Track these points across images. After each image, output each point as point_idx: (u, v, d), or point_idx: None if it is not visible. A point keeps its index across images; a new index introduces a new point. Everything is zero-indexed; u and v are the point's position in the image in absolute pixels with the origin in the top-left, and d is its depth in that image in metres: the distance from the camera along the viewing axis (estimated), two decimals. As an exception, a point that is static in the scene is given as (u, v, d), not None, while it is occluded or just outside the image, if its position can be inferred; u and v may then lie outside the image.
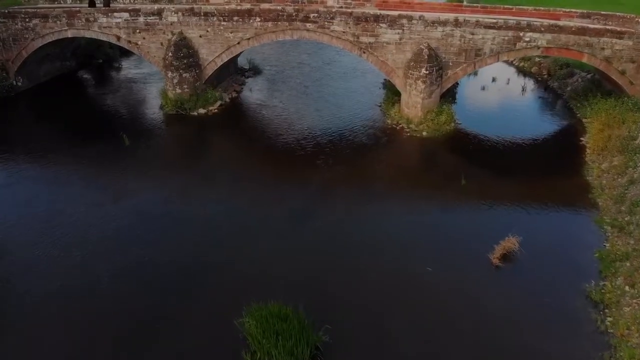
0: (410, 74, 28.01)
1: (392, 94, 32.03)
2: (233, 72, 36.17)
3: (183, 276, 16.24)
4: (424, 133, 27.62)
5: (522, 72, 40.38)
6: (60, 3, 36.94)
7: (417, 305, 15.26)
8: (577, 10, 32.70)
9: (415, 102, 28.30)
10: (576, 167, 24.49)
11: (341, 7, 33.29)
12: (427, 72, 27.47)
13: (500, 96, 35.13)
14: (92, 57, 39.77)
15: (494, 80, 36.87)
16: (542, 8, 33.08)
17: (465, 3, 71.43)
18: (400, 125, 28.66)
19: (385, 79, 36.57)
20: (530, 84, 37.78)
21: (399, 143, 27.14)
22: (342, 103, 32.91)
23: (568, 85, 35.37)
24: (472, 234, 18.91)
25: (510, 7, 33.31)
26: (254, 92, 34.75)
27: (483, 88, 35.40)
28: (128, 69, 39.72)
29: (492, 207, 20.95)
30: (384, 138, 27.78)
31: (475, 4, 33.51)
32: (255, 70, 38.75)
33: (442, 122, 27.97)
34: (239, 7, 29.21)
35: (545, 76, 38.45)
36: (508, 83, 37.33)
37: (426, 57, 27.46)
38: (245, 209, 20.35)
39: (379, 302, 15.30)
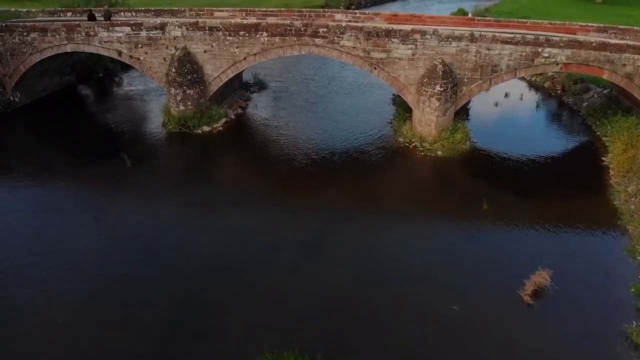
0: (424, 91, 26.86)
1: (403, 110, 30.88)
2: (238, 87, 35.04)
3: (183, 319, 14.93)
4: (439, 152, 26.41)
5: (535, 87, 39.25)
6: (60, 16, 35.84)
7: (446, 351, 13.94)
8: (593, 24, 31.61)
9: (429, 120, 27.11)
10: (601, 189, 23.28)
11: (349, 21, 32.31)
12: (442, 89, 26.32)
13: (514, 112, 34.00)
14: (92, 71, 38.67)
15: (506, 95, 35.73)
16: (557, 22, 31.99)
17: (471, 14, 70.89)
18: (413, 144, 27.46)
19: (394, 95, 35.49)
20: (543, 99, 36.65)
21: (412, 163, 25.93)
22: (350, 120, 31.75)
23: (584, 101, 34.24)
24: (499, 266, 17.66)
25: (525, 20, 32.25)
26: (259, 109, 33.59)
27: (496, 104, 34.24)
28: (129, 83, 38.60)
29: (517, 234, 19.72)
30: (397, 157, 26.60)
31: (487, 18, 32.43)
32: (260, 85, 37.63)
33: (458, 141, 26.78)
34: (245, 22, 28.14)
35: (559, 91, 37.35)
36: (521, 98, 36.20)
37: (441, 73, 26.32)
38: (253, 237, 19.13)
39: (404, 347, 13.98)
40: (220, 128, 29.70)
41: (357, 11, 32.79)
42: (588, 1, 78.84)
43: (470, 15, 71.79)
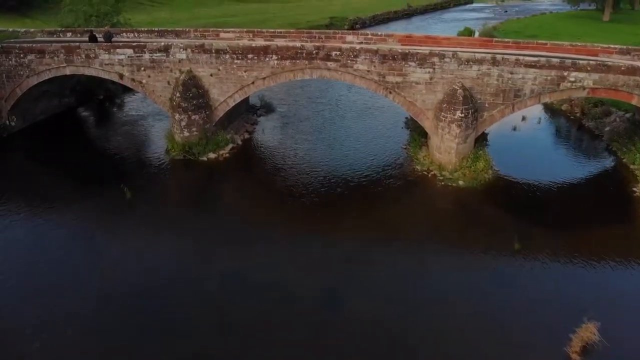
0: (443, 117, 25.35)
1: (418, 135, 29.38)
2: (244, 110, 33.57)
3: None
4: (460, 182, 24.79)
5: (552, 109, 37.80)
6: (60, 36, 34.56)
7: None
8: (616, 46, 30.22)
9: (448, 148, 25.55)
10: (637, 224, 21.60)
11: (361, 42, 31.02)
12: (463, 115, 24.82)
13: (534, 137, 32.53)
14: (92, 93, 37.23)
15: (523, 119, 34.26)
16: (579, 43, 30.60)
17: (479, 33, 70.03)
18: (432, 172, 25.86)
19: (406, 118, 34.04)
20: (562, 122, 35.21)
21: (432, 194, 24.30)
22: (362, 145, 30.20)
23: (606, 125, 32.76)
24: (539, 317, 15.89)
25: (544, 42, 30.87)
26: (267, 134, 32.07)
27: (514, 128, 32.73)
28: (131, 105, 37.18)
29: (554, 277, 18.00)
30: (415, 187, 24.98)
31: (506, 39, 31.13)
32: (267, 108, 36.19)
33: (480, 170, 25.18)
34: (254, 44, 26.74)
35: (578, 114, 35.90)
36: (539, 122, 34.74)
37: (461, 98, 24.85)
38: (263, 282, 17.39)
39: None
40: (227, 155, 28.12)
41: (368, 32, 31.39)
42: (594, 19, 77.98)
43: (477, 34, 71.19)
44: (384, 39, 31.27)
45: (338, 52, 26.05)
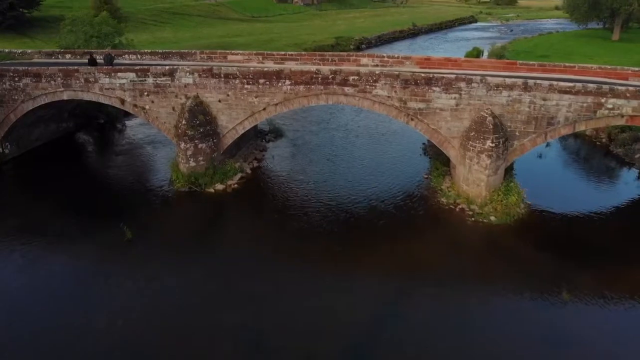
0: (471, 146, 23.39)
1: (441, 163, 27.45)
2: (252, 136, 31.64)
3: None
4: (492, 218, 22.72)
5: (576, 135, 35.65)
6: (58, 58, 32.81)
7: None
8: (647, 69, 28.46)
9: (477, 179, 23.54)
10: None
11: (376, 65, 29.30)
12: (494, 144, 22.86)
13: (560, 164, 30.62)
14: (92, 117, 35.31)
15: (547, 145, 32.24)
16: (608, 67, 28.78)
17: (489, 53, 68.60)
18: (460, 206, 23.81)
19: (424, 144, 32.18)
20: (588, 149, 33.28)
21: (462, 231, 22.19)
22: (379, 173, 28.22)
23: (636, 152, 30.82)
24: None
25: (572, 65, 29.04)
26: (277, 160, 30.08)
27: (540, 155, 30.75)
28: (133, 130, 35.23)
29: (613, 335, 15.77)
30: (443, 223, 22.90)
31: (531, 62, 29.34)
32: (276, 133, 34.28)
33: (512, 204, 23.11)
34: (266, 69, 24.90)
35: (604, 140, 33.95)
36: (564, 148, 32.82)
37: (491, 126, 22.92)
38: (276, 336, 15.28)
39: None
40: (235, 185, 26.10)
41: (385, 55, 29.64)
42: (604, 39, 76.74)
43: (487, 53, 69.75)
44: (401, 61, 29.51)
45: (356, 77, 24.22)
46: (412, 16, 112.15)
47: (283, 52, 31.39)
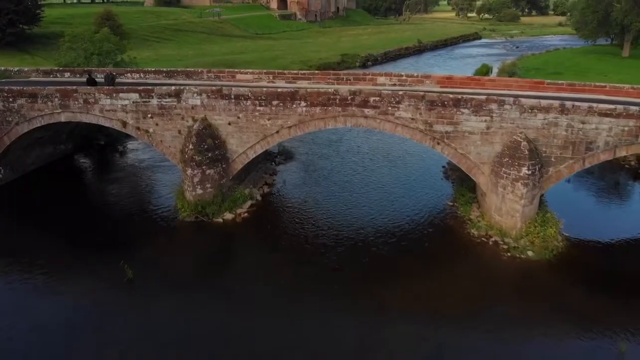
0: (504, 173, 21.44)
1: (466, 190, 25.51)
2: (262, 159, 29.70)
3: None
4: (530, 253, 20.68)
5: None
6: (57, 76, 31.08)
7: None
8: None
9: (512, 210, 21.54)
10: None
11: (394, 84, 27.52)
12: (530, 172, 20.93)
13: (590, 189, 28.68)
14: (92, 138, 33.43)
15: (575, 168, 30.32)
16: (641, 86, 26.98)
17: (499, 69, 67.11)
18: (493, 239, 21.78)
19: (444, 167, 30.27)
20: (617, 172, 31.29)
21: (498, 268, 20.12)
22: (397, 199, 26.32)
23: (671, 176, 28.86)
24: None
25: (603, 84, 27.21)
26: (288, 186, 28.11)
27: (568, 180, 28.67)
28: (135, 152, 33.33)
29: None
30: (476, 259, 20.85)
31: (559, 81, 27.56)
32: (286, 155, 32.37)
33: (550, 237, 21.07)
34: (279, 90, 23.07)
35: (633, 163, 32.06)
36: (592, 172, 30.76)
37: (527, 152, 21.01)
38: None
39: None
40: (245, 214, 24.11)
41: (402, 73, 27.83)
42: (614, 55, 75.39)
43: (496, 70, 68.29)
44: (421, 80, 27.70)
45: (377, 98, 22.38)
46: (416, 33, 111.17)
47: (295, 71, 29.65)
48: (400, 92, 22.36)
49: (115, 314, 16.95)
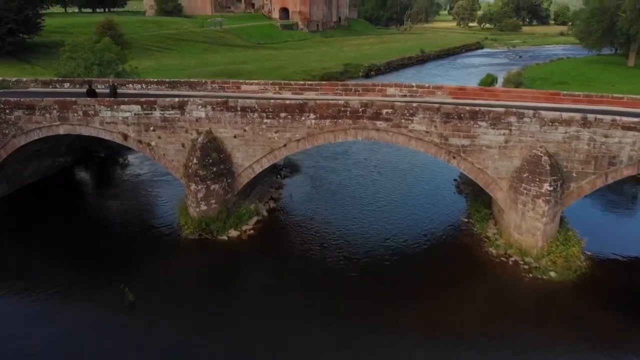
0: (524, 189, 20.43)
1: (481, 205, 24.48)
2: (267, 172, 28.60)
3: None
4: (552, 274, 19.61)
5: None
6: (56, 87, 30.15)
7: None
8: None
9: (532, 228, 20.51)
10: None
11: (404, 95, 26.69)
12: (552, 188, 19.92)
13: (608, 203, 27.70)
14: (92, 150, 32.43)
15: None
16: (662, 97, 26.04)
17: (504, 79, 66.33)
18: (512, 259, 20.72)
19: (456, 180, 29.27)
20: (630, 184, 30.20)
21: (520, 290, 19.09)
22: (408, 214, 25.36)
23: (692, 190, 27.82)
24: None
25: (620, 96, 26.31)
26: (295, 200, 27.09)
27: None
28: (136, 165, 32.28)
29: None
30: (495, 279, 19.81)
31: (576, 92, 26.63)
32: (291, 168, 31.37)
33: (573, 256, 20.01)
34: (288, 102, 22.10)
35: (649, 175, 30.93)
36: (610, 186, 29.66)
37: (548, 167, 20.01)
38: None
39: None
40: (251, 231, 23.06)
41: (413, 84, 26.92)
42: (619, 65, 74.68)
43: (501, 80, 67.52)
44: (432, 91, 26.82)
45: (390, 110, 21.43)
46: (418, 43, 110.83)
47: (302, 82, 28.76)
48: (414, 104, 21.42)
49: (115, 340, 15.88)
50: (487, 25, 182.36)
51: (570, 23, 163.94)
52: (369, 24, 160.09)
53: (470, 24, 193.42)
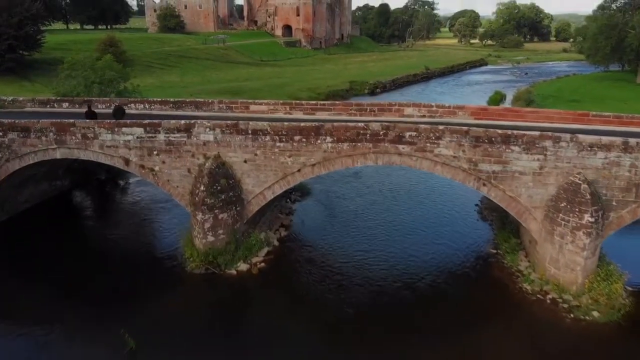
0: (562, 220, 18.72)
1: (510, 234, 22.75)
2: (277, 196, 26.90)
3: None
4: (595, 314, 17.80)
5: None
6: (54, 107, 28.64)
7: None
8: None
9: (571, 262, 18.74)
10: None
11: (423, 115, 25.22)
12: (593, 219, 18.22)
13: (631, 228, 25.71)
14: (91, 173, 30.76)
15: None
16: (698, 118, 24.45)
17: (514, 96, 64.97)
18: (550, 296, 18.93)
19: (478, 205, 27.57)
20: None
21: (561, 334, 17.23)
22: (429, 243, 23.69)
23: None
24: None
25: (655, 116, 24.70)
26: (307, 228, 25.39)
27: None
28: (137, 189, 30.50)
29: None
30: (531, 320, 18.00)
31: (605, 113, 25.08)
32: (301, 191, 29.68)
33: (616, 293, 18.20)
34: (302, 124, 20.48)
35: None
36: None
37: (588, 196, 18.33)
38: None
39: None
40: (262, 264, 21.29)
41: (432, 104, 25.43)
42: (628, 82, 73.49)
43: (512, 97, 66.18)
44: (453, 111, 25.30)
45: (414, 133, 19.81)
46: (422, 59, 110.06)
47: (314, 102, 27.28)
48: (441, 127, 19.78)
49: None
50: (489, 42, 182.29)
51: (572, 40, 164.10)
52: (372, 41, 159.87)
53: (472, 41, 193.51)
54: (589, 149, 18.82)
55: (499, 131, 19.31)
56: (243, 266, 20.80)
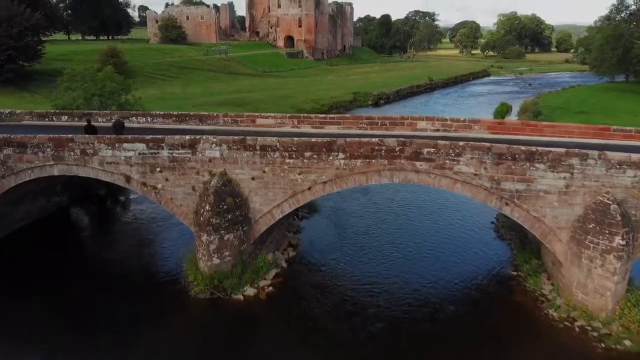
0: (590, 243, 17.58)
1: (531, 255, 21.57)
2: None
3: None
4: (627, 343, 16.60)
5: None
6: (53, 120, 27.63)
7: None
8: None
9: (601, 287, 17.58)
10: None
11: (437, 129, 24.25)
12: (624, 242, 17.07)
13: None
14: (90, 188, 29.65)
15: None
16: None
17: (520, 108, 64.04)
18: (578, 323, 17.71)
19: (494, 223, 26.43)
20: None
21: (594, 366, 15.93)
22: (445, 263, 22.61)
23: None
24: None
25: (679, 130, 23.64)
26: (316, 247, 24.23)
27: None
28: (138, 205, 29.32)
29: None
30: (560, 351, 16.68)
31: (627, 127, 24.03)
32: (309, 208, 28.50)
33: (650, 323, 17.01)
34: (313, 140, 19.41)
35: None
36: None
37: (619, 217, 17.22)
38: None
39: None
40: (270, 288, 20.12)
41: (447, 117, 24.43)
42: (635, 93, 72.63)
43: (518, 109, 65.24)
44: (469, 125, 24.26)
45: (432, 149, 18.74)
46: (425, 70, 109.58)
47: (323, 115, 26.23)
48: (461, 143, 18.71)
49: None
50: (490, 53, 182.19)
51: (573, 50, 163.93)
52: (373, 52, 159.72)
53: (473, 52, 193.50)
54: (617, 166, 17.73)
55: (523, 147, 18.25)
56: (250, 290, 19.61)
